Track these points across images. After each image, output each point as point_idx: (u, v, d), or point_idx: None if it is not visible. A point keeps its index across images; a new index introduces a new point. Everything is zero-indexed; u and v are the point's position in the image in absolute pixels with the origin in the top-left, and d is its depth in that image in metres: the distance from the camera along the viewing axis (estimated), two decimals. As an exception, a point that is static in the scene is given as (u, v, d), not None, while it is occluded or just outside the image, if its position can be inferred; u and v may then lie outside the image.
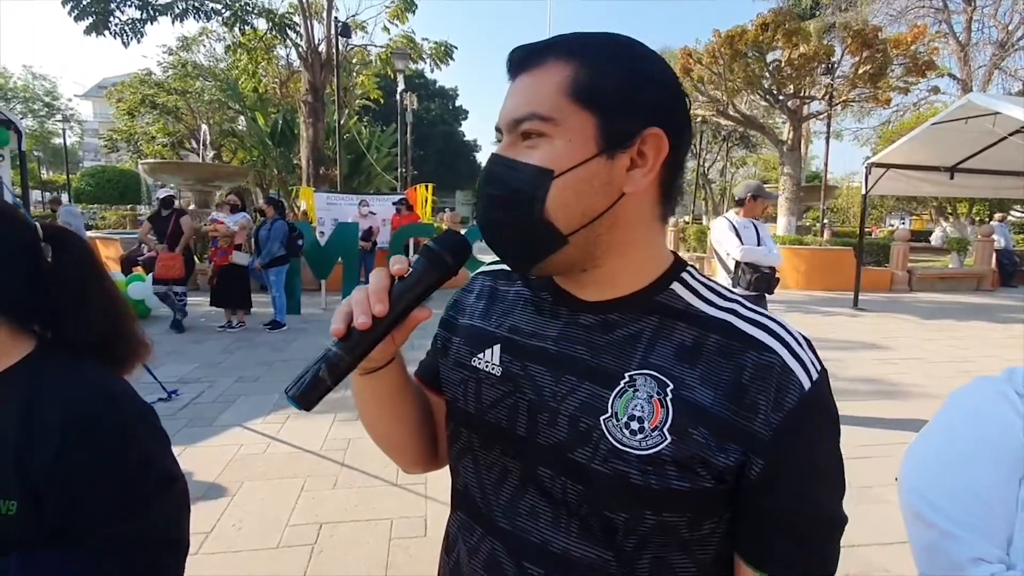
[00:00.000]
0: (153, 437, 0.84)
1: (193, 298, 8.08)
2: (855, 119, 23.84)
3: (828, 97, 14.23)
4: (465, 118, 47.68)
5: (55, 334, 0.85)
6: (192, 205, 13.79)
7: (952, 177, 9.72)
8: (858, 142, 26.25)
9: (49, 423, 0.74)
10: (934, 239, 18.33)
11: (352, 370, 0.58)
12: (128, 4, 11.12)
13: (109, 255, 10.57)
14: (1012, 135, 7.87)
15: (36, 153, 33.51)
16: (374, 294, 0.58)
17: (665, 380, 0.57)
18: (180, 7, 11.61)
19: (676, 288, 0.63)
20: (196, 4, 11.73)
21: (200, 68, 24.13)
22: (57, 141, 33.82)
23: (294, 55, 15.45)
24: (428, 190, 12.14)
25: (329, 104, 14.86)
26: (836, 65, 14.08)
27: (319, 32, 14.00)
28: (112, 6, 11.03)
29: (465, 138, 47.33)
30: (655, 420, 0.56)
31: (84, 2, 10.77)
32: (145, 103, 23.86)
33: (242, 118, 23.32)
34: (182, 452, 3.54)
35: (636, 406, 0.57)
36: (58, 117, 34.60)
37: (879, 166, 9.60)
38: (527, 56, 0.60)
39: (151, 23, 11.47)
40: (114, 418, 0.79)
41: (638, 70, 0.59)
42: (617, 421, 0.57)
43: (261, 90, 18.25)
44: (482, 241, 0.65)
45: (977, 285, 12.79)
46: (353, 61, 16.81)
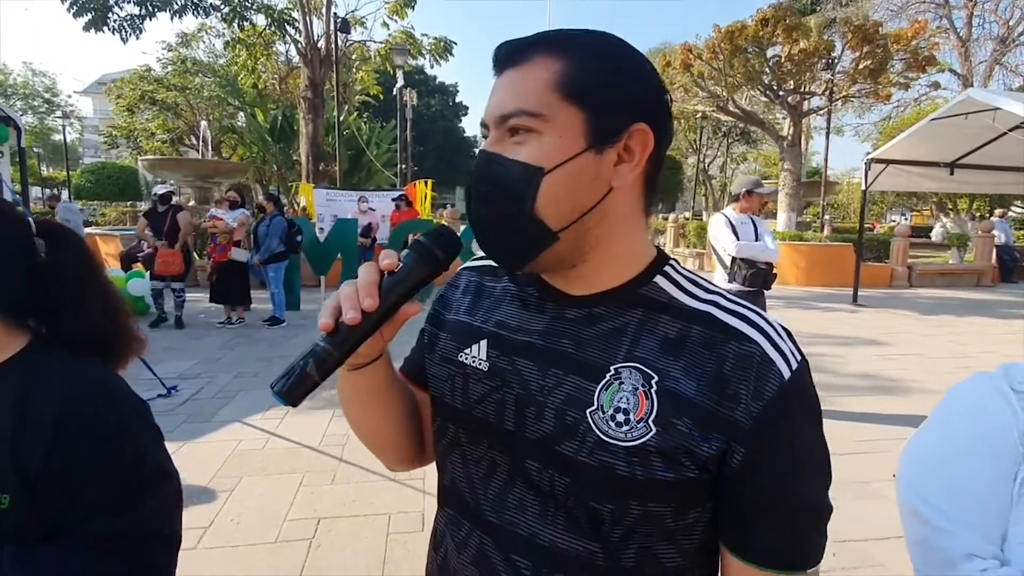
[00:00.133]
0: (147, 432, 0.85)
1: (193, 294, 8.09)
2: (856, 115, 23.82)
3: (828, 93, 14.21)
4: (465, 114, 47.53)
5: (50, 329, 0.86)
6: (192, 201, 13.79)
7: (952, 173, 9.70)
8: (859, 138, 26.23)
9: (44, 418, 0.74)
10: (935, 235, 18.31)
11: (340, 365, 0.58)
12: (127, 0, 11.09)
13: (109, 251, 10.58)
14: (1012, 131, 7.87)
15: (36, 150, 33.46)
16: (363, 288, 0.57)
17: (650, 372, 0.58)
18: (179, 3, 11.58)
19: (659, 281, 0.64)
20: (195, 0, 11.70)
21: (199, 64, 24.09)
22: (57, 138, 33.78)
23: (293, 51, 15.40)
24: (428, 186, 12.14)
25: (329, 100, 14.83)
26: (836, 60, 14.06)
27: (318, 28, 13.99)
28: (111, 2, 11.01)
29: (465, 134, 47.20)
30: (640, 412, 0.57)
31: (83, -2, 10.75)
32: (144, 99, 23.82)
33: (241, 114, 23.28)
34: (181, 447, 3.55)
35: (622, 398, 0.58)
36: (58, 114, 34.58)
37: (879, 162, 9.59)
38: (514, 51, 0.60)
39: (150, 19, 11.44)
40: (108, 413, 0.79)
41: (623, 66, 0.60)
42: (603, 414, 0.58)
43: (260, 86, 18.21)
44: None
45: (977, 281, 12.79)
46: (352, 57, 16.77)
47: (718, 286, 0.65)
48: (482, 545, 0.66)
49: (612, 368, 0.59)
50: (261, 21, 13.58)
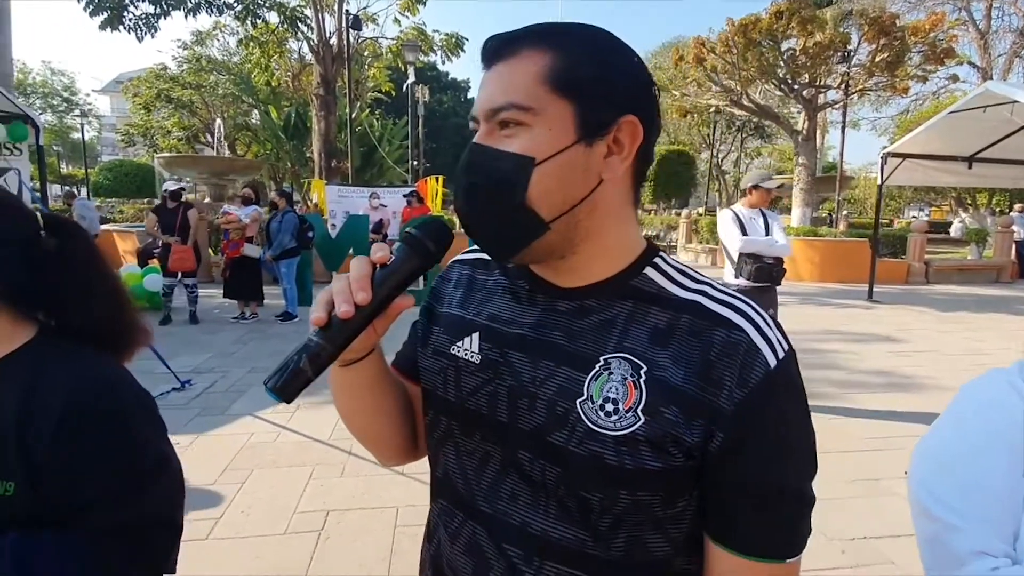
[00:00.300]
0: (150, 423, 0.86)
1: (207, 290, 8.19)
2: (872, 108, 23.48)
3: (844, 86, 13.99)
4: (477, 110, 47.70)
5: (58, 322, 0.87)
6: (207, 198, 13.96)
7: (970, 167, 9.52)
8: (876, 132, 25.96)
9: (49, 408, 0.76)
10: (953, 230, 18.02)
11: (334, 360, 0.58)
12: (142, -1, 11.22)
13: (126, 248, 10.73)
14: (1032, 124, 7.70)
15: (56, 148, 33.98)
16: (356, 282, 0.57)
17: (639, 363, 0.58)
18: (193, 1, 11.69)
19: (649, 272, 0.64)
20: (208, -2, 11.80)
21: (214, 62, 24.31)
22: (76, 136, 34.32)
23: (306, 48, 15.48)
24: (439, 182, 12.14)
25: (341, 97, 14.90)
26: (852, 53, 13.82)
27: (330, 24, 14.05)
28: (126, 1, 11.13)
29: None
30: (629, 401, 0.57)
31: (99, -3, 10.88)
32: (160, 97, 24.11)
33: (256, 112, 23.50)
34: (194, 440, 3.61)
35: (611, 388, 0.58)
36: (77, 112, 35.11)
37: (895, 156, 9.44)
38: (502, 45, 0.60)
39: (165, 18, 11.55)
40: (111, 405, 0.80)
41: (612, 59, 0.60)
42: (592, 404, 0.59)
43: (274, 84, 18.33)
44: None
45: (996, 277, 12.56)
46: (365, 54, 16.83)
47: (708, 276, 0.65)
48: (475, 535, 0.67)
49: (602, 359, 0.60)
50: (274, 18, 13.67)
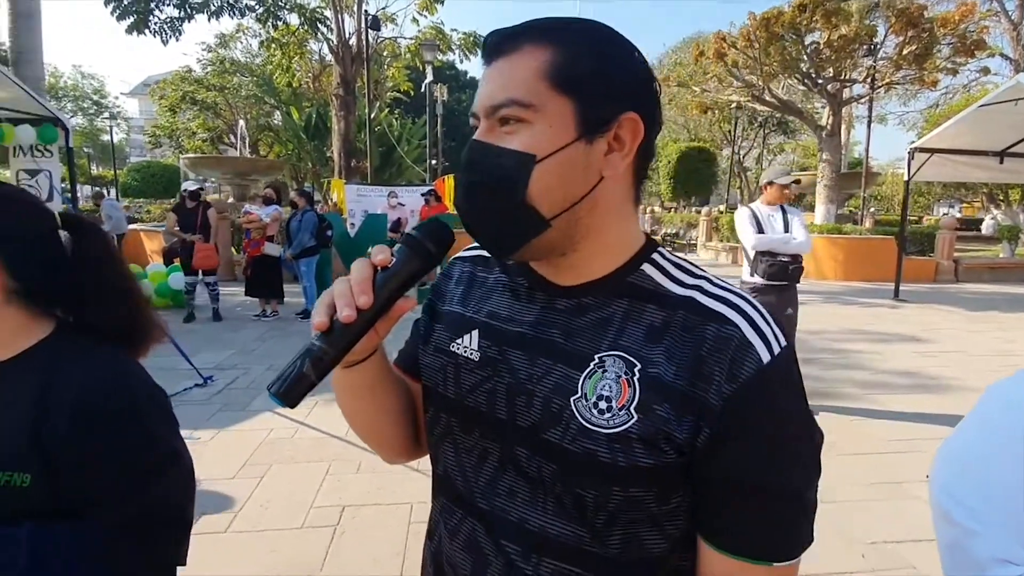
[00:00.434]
0: (162, 418, 0.88)
1: (230, 288, 8.35)
2: (900, 102, 22.90)
3: (870, 80, 13.69)
4: (496, 109, 47.70)
5: (75, 318, 0.90)
6: (231, 199, 14.22)
7: (1002, 162, 9.24)
8: (904, 127, 25.26)
9: (64, 402, 0.78)
10: (985, 227, 17.53)
11: (336, 364, 0.57)
12: (167, 3, 11.46)
13: (153, 248, 10.98)
14: (1068, 117, 7.45)
15: (86, 150, 34.87)
16: (357, 285, 0.57)
17: (633, 361, 0.58)
18: (215, 4, 11.90)
19: (646, 269, 0.64)
20: (230, 1, 12.00)
21: (237, 64, 24.74)
22: (106, 138, 35.13)
23: (326, 49, 15.67)
24: (457, 181, 12.19)
25: (360, 97, 15.04)
26: (879, 46, 13.52)
27: (350, 25, 14.19)
28: (152, 5, 11.38)
29: (496, 129, 47.37)
30: (622, 399, 0.57)
31: (125, 2, 11.14)
32: (186, 99, 24.60)
33: (277, 112, 23.84)
34: (216, 435, 3.68)
35: (604, 386, 0.58)
36: (106, 115, 35.98)
37: (923, 151, 9.21)
38: (503, 41, 0.60)
39: (189, 21, 11.80)
40: (124, 401, 0.82)
41: (612, 55, 0.59)
42: (586, 401, 0.58)
43: (295, 85, 18.58)
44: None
45: (1029, 275, 12.20)
46: (384, 54, 16.96)
47: (706, 271, 0.65)
48: (473, 532, 0.67)
49: (596, 357, 0.59)
50: (294, 20, 13.85)
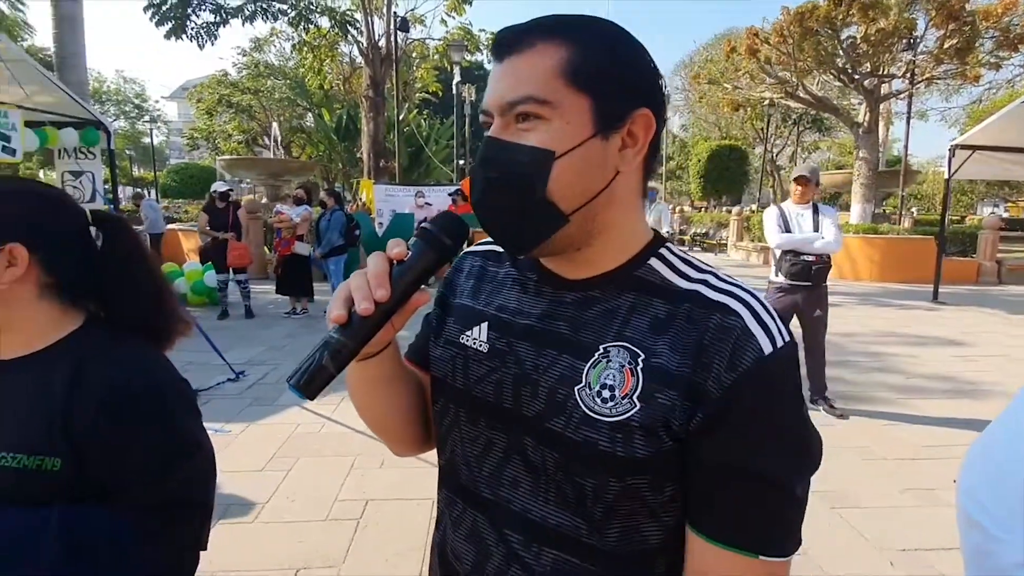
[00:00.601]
0: (186, 409, 0.92)
1: (262, 286, 8.55)
2: (942, 98, 22.07)
3: (910, 75, 13.26)
4: (524, 108, 47.72)
5: (105, 312, 0.95)
6: (264, 199, 14.56)
7: (1050, 159, 8.86)
8: (945, 123, 24.39)
9: (92, 391, 0.82)
10: (1032, 227, 16.79)
11: (355, 356, 0.58)
12: (203, 8, 11.81)
13: (189, 247, 11.32)
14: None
15: (128, 152, 36.13)
16: (374, 278, 0.57)
17: (637, 351, 0.59)
18: (249, 9, 12.20)
19: (653, 263, 0.64)
20: (263, 5, 12.30)
21: (271, 67, 25.33)
22: (146, 140, 36.35)
23: (356, 52, 15.90)
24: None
25: (389, 98, 15.23)
26: (919, 40, 13.07)
27: (379, 28, 14.38)
28: (188, 10, 11.74)
29: (524, 128, 47.40)
30: (625, 388, 0.58)
31: (164, 8, 11.52)
32: (222, 103, 25.31)
33: (310, 115, 24.32)
34: (246, 428, 3.79)
35: (608, 375, 0.59)
36: (147, 118, 37.22)
37: (965, 148, 8.87)
38: (516, 37, 0.60)
39: (224, 26, 12.14)
40: (149, 391, 0.87)
41: (625, 53, 0.60)
42: (590, 390, 0.59)
43: (326, 87, 18.92)
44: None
45: (1080, 277, 11.65)
46: (412, 55, 17.14)
47: (712, 267, 0.65)
48: (476, 522, 0.68)
49: (601, 347, 0.60)
50: (325, 23, 14.10)
